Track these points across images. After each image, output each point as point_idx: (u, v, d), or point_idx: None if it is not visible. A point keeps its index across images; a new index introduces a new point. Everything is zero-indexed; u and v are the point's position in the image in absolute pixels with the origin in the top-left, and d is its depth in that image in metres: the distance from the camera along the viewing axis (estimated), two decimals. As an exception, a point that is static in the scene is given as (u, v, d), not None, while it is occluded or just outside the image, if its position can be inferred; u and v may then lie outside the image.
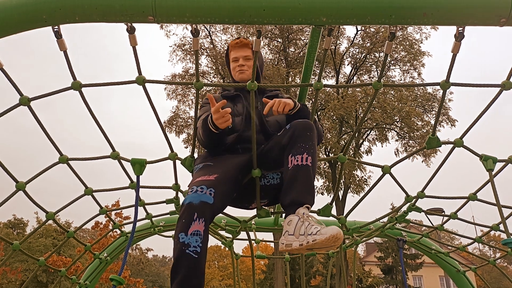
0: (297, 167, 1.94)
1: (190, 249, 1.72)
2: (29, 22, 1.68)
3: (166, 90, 21.40)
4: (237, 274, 3.76)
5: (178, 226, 1.79)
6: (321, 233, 1.65)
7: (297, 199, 1.87)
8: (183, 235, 1.74)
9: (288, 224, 1.82)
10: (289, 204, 1.89)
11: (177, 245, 1.75)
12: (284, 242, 1.80)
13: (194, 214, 1.77)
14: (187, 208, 1.80)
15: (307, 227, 1.73)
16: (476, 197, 2.63)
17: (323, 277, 29.76)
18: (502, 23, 1.63)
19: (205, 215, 1.79)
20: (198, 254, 1.73)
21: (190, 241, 1.73)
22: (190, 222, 1.76)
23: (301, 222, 1.77)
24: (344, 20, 1.67)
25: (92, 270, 3.66)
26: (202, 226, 1.76)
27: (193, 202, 1.81)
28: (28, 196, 2.42)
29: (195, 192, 1.85)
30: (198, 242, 1.74)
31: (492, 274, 41.29)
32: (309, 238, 1.69)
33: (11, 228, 33.04)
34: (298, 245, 1.73)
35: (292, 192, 1.90)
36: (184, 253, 1.72)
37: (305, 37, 21.18)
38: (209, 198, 1.83)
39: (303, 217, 1.79)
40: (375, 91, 2.01)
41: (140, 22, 1.68)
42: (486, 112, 2.17)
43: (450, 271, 3.79)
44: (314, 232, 1.69)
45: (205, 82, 2.01)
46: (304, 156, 1.95)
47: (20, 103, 2.02)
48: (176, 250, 1.75)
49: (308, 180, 1.93)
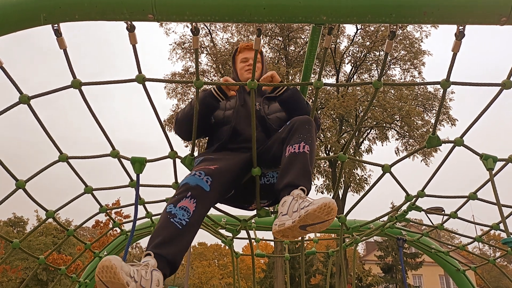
0: (293, 154, 1.90)
1: (175, 219, 1.68)
2: (29, 20, 1.67)
3: (166, 89, 21.39)
4: (237, 273, 3.76)
5: (169, 200, 1.79)
6: (313, 203, 1.58)
7: (292, 181, 1.80)
8: (172, 206, 1.73)
9: (282, 206, 1.75)
10: (283, 187, 1.82)
11: (163, 214, 1.74)
12: (277, 223, 1.71)
13: (187, 192, 1.77)
14: (182, 187, 1.81)
15: (300, 203, 1.65)
16: (476, 196, 2.62)
17: (323, 276, 29.80)
18: (503, 22, 1.63)
19: (197, 198, 1.77)
20: (183, 227, 1.68)
21: (177, 212, 1.70)
22: (182, 198, 1.75)
23: (295, 201, 1.69)
24: (344, 18, 1.67)
25: (92, 269, 3.66)
26: (192, 205, 1.74)
27: (189, 183, 1.81)
28: (28, 194, 2.42)
29: (193, 175, 1.86)
30: (185, 217, 1.70)
31: (492, 273, 41.31)
32: (301, 211, 1.60)
33: (11, 226, 33.05)
34: (291, 222, 1.63)
35: (288, 175, 1.84)
36: (169, 221, 1.68)
37: (305, 36, 21.16)
38: (205, 185, 1.82)
39: (298, 196, 1.71)
40: (375, 90, 2.01)
41: (140, 21, 1.68)
42: (487, 111, 2.16)
43: (450, 270, 3.79)
44: (306, 205, 1.61)
45: (205, 81, 2.01)
46: (301, 145, 1.91)
47: (20, 101, 2.02)
48: (161, 218, 1.72)
49: (304, 165, 1.86)
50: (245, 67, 2.61)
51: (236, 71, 2.70)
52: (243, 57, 2.65)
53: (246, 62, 2.62)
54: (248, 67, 2.58)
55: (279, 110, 2.47)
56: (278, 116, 2.43)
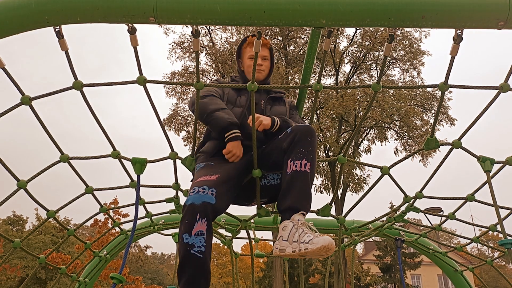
0: (295, 173, 1.98)
1: (195, 249, 1.77)
2: (31, 23, 1.69)
3: (166, 88, 21.38)
4: (236, 272, 3.78)
5: (182, 227, 1.82)
6: (313, 243, 1.72)
7: (293, 205, 1.93)
8: (187, 236, 1.78)
9: (283, 230, 1.89)
10: (285, 209, 1.95)
11: (182, 246, 1.80)
12: (278, 247, 1.87)
13: (196, 214, 1.80)
14: (189, 209, 1.83)
15: (300, 234, 1.80)
16: (474, 197, 2.64)
17: (321, 276, 29.81)
18: (500, 26, 1.64)
19: (207, 215, 1.82)
20: (203, 254, 1.78)
21: (195, 241, 1.77)
22: (193, 223, 1.79)
23: (295, 229, 1.84)
24: (343, 22, 1.69)
25: (91, 268, 3.68)
26: (204, 225, 1.80)
27: (195, 202, 1.83)
28: (29, 194, 2.43)
29: (196, 192, 1.87)
30: (202, 242, 1.78)
31: (490, 274, 41.39)
32: (301, 246, 1.76)
33: (10, 224, 33.02)
34: (291, 251, 1.80)
35: (289, 198, 1.95)
36: (189, 253, 1.77)
37: (305, 36, 21.16)
38: (211, 198, 1.86)
39: (298, 224, 1.86)
40: (374, 92, 2.02)
41: (141, 23, 1.70)
42: (485, 113, 2.18)
43: (448, 271, 3.81)
44: (306, 241, 1.75)
45: (205, 83, 2.03)
46: (303, 162, 1.98)
47: (21, 103, 2.03)
48: (182, 251, 1.80)
49: (305, 187, 1.98)
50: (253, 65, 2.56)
51: (243, 65, 2.60)
52: (251, 53, 2.50)
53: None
54: (258, 67, 2.46)
55: (283, 113, 2.48)
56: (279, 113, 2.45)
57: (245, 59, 2.57)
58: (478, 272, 3.67)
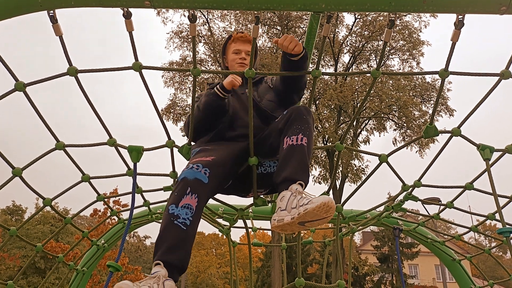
0: (291, 146, 1.90)
1: (179, 220, 1.68)
2: (24, 6, 1.65)
3: (164, 78, 21.29)
4: (234, 262, 3.78)
5: (170, 199, 1.78)
6: (312, 202, 1.60)
7: (290, 176, 1.81)
8: (174, 206, 1.71)
9: (280, 201, 1.76)
10: (282, 181, 1.83)
11: (166, 216, 1.72)
12: (276, 218, 1.73)
13: (187, 188, 1.75)
14: (180, 182, 1.79)
15: (299, 200, 1.67)
16: (473, 186, 2.63)
17: (319, 265, 30.02)
18: (502, 11, 1.61)
19: (198, 192, 1.76)
20: (187, 227, 1.68)
21: (180, 213, 1.70)
22: (182, 195, 1.73)
23: (294, 197, 1.71)
24: (343, 6, 1.66)
25: (89, 257, 3.67)
26: (194, 201, 1.73)
27: (187, 177, 1.79)
28: (25, 182, 2.41)
29: (190, 168, 1.84)
30: (189, 215, 1.70)
31: (488, 263, 41.67)
32: (300, 209, 1.63)
33: (9, 214, 33.05)
34: (290, 218, 1.66)
35: (286, 169, 1.85)
36: (172, 223, 1.68)
37: (304, 25, 21.02)
38: (204, 177, 1.81)
39: (296, 192, 1.73)
40: (373, 79, 2.00)
41: (137, 7, 1.66)
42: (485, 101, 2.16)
43: (445, 260, 3.82)
44: (305, 203, 1.63)
45: (202, 69, 2.00)
46: (299, 137, 1.91)
47: (15, 89, 2.00)
48: (164, 220, 1.71)
49: (302, 158, 1.87)
50: (236, 59, 2.52)
51: (227, 61, 2.61)
52: (235, 48, 2.54)
53: (239, 54, 2.52)
54: (241, 60, 2.50)
55: (267, 92, 2.46)
56: (268, 99, 2.42)
57: (230, 54, 2.57)
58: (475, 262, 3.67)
